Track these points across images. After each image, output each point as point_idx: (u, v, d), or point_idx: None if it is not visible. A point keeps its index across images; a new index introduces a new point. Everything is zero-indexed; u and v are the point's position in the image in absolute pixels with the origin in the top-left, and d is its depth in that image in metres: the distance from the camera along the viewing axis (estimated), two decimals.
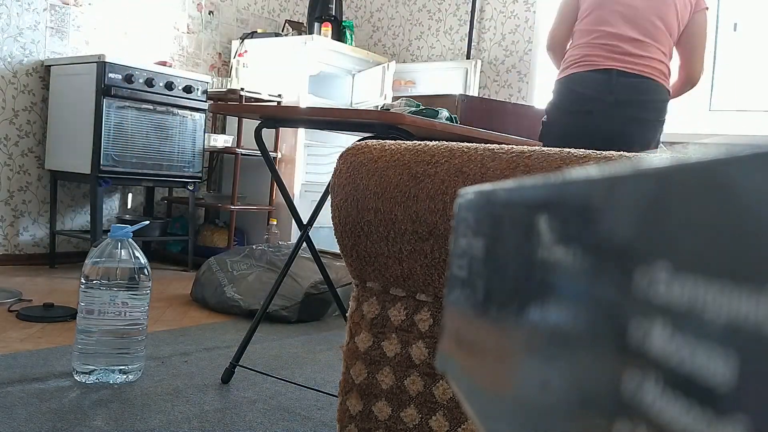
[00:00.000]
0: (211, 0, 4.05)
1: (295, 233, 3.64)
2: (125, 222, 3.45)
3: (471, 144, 0.98)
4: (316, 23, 4.00)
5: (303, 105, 3.67)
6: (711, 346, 0.12)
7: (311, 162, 3.89)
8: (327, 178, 1.49)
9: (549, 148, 0.91)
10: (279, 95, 3.78)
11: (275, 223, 3.72)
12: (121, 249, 1.70)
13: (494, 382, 0.25)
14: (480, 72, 4.11)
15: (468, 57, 4.20)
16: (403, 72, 4.25)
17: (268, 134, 3.67)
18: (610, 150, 2.22)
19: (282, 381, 1.81)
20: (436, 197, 0.94)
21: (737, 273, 0.12)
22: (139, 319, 1.72)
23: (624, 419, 0.15)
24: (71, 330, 1.85)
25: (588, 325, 0.17)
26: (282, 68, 3.85)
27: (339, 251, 1.09)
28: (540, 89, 3.95)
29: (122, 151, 3.17)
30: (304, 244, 1.90)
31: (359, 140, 1.14)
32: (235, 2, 4.19)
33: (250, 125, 2.62)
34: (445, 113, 1.82)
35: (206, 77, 3.59)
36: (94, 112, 3.08)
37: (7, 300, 2.47)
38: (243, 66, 4.01)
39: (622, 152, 2.31)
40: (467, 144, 0.98)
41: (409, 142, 1.04)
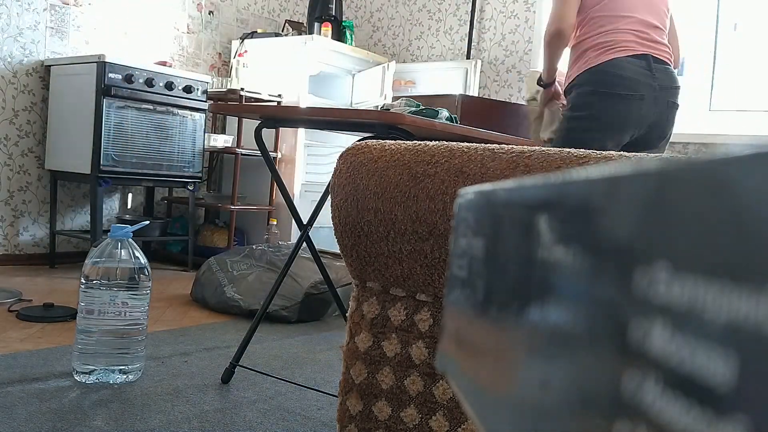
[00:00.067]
0: (211, 0, 4.05)
1: (295, 233, 3.64)
2: (125, 222, 3.45)
3: (471, 144, 0.98)
4: (316, 23, 4.00)
5: (303, 105, 3.67)
6: (711, 346, 0.12)
7: (311, 162, 3.89)
8: (327, 178, 1.49)
9: (549, 148, 0.91)
10: (279, 95, 3.78)
11: (275, 223, 3.72)
12: (121, 249, 1.70)
13: (494, 382, 0.25)
14: (480, 72, 4.11)
15: (468, 57, 4.20)
16: (403, 72, 4.25)
17: (268, 134, 3.67)
18: (652, 135, 2.22)
19: (282, 381, 1.81)
20: (436, 197, 0.94)
21: (737, 273, 0.12)
22: (139, 319, 1.72)
23: (624, 419, 0.15)
24: (71, 330, 1.85)
25: (588, 325, 0.17)
26: (282, 68, 3.85)
27: (339, 251, 1.09)
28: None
29: (122, 151, 3.17)
30: (304, 244, 1.90)
31: (359, 140, 1.14)
32: (235, 2, 4.19)
33: (250, 125, 2.62)
34: (445, 113, 1.82)
35: (206, 77, 3.59)
36: (94, 112, 3.08)
37: (7, 300, 2.47)
38: (243, 66, 4.01)
39: (664, 138, 2.31)
40: (467, 144, 0.98)
41: (409, 142, 1.04)
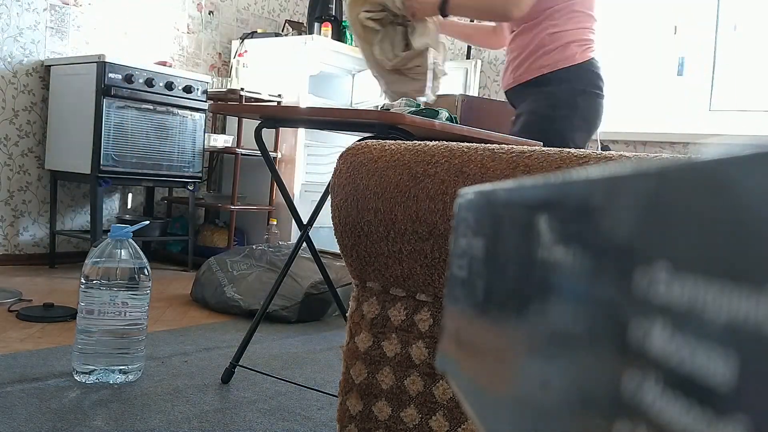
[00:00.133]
0: (211, 0, 4.05)
1: (295, 233, 3.64)
2: (125, 222, 3.45)
3: (471, 144, 0.98)
4: (316, 23, 4.00)
5: (303, 105, 3.67)
6: (711, 346, 0.12)
7: (311, 162, 3.89)
8: (327, 178, 1.49)
9: (549, 149, 0.91)
10: (279, 95, 3.78)
11: (275, 223, 3.72)
12: (121, 249, 1.70)
13: (494, 382, 0.25)
14: (480, 72, 4.11)
15: (468, 57, 4.20)
16: None
17: (268, 134, 3.67)
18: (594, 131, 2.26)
19: (282, 381, 1.81)
20: (436, 197, 0.94)
21: (737, 273, 0.12)
22: (139, 319, 1.72)
23: (624, 419, 0.15)
24: (71, 330, 1.85)
25: (588, 325, 0.17)
26: (282, 68, 3.85)
27: (339, 251, 1.08)
28: None
29: (122, 151, 3.17)
30: (304, 244, 1.90)
31: (359, 140, 1.14)
32: (235, 2, 4.19)
33: (250, 125, 2.62)
34: (445, 113, 1.82)
35: (206, 77, 3.59)
36: (94, 112, 3.07)
37: (7, 300, 2.47)
38: (243, 66, 4.01)
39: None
40: (467, 144, 0.98)
41: (409, 142, 1.04)
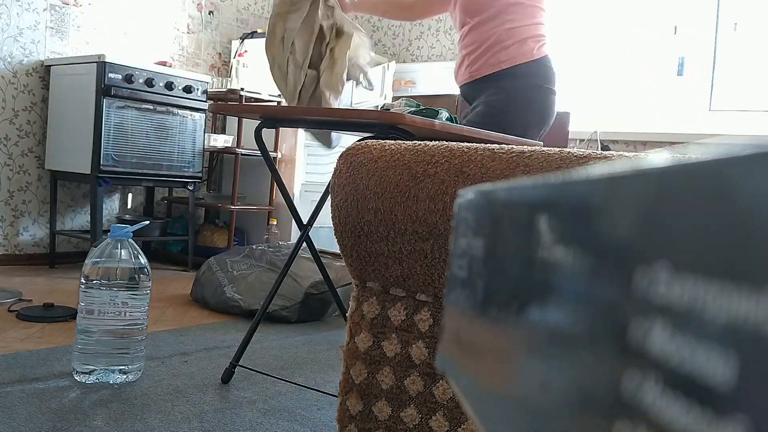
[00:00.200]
0: (211, 0, 4.05)
1: (295, 233, 3.64)
2: (125, 222, 3.45)
3: (471, 144, 0.98)
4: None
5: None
6: (711, 346, 0.12)
7: (311, 162, 3.89)
8: (327, 178, 1.49)
9: (549, 148, 0.91)
10: (279, 95, 3.78)
11: (275, 223, 3.71)
12: (121, 249, 1.70)
13: (494, 382, 0.25)
14: None
15: None
16: (403, 72, 4.25)
17: (268, 134, 3.67)
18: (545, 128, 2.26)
19: (282, 381, 1.81)
20: (436, 197, 0.94)
21: (737, 273, 0.12)
22: (139, 319, 1.72)
23: (624, 419, 0.15)
24: (71, 330, 1.85)
25: (588, 326, 0.17)
26: None
27: (339, 251, 1.08)
28: None
29: (122, 151, 3.17)
30: (304, 244, 1.90)
31: (359, 140, 1.14)
32: (235, 2, 4.19)
33: (250, 125, 2.62)
34: (445, 113, 1.82)
35: (206, 77, 3.59)
36: (94, 112, 3.07)
37: (7, 300, 2.47)
38: (243, 66, 4.01)
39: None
40: (467, 144, 0.98)
41: (409, 142, 1.04)
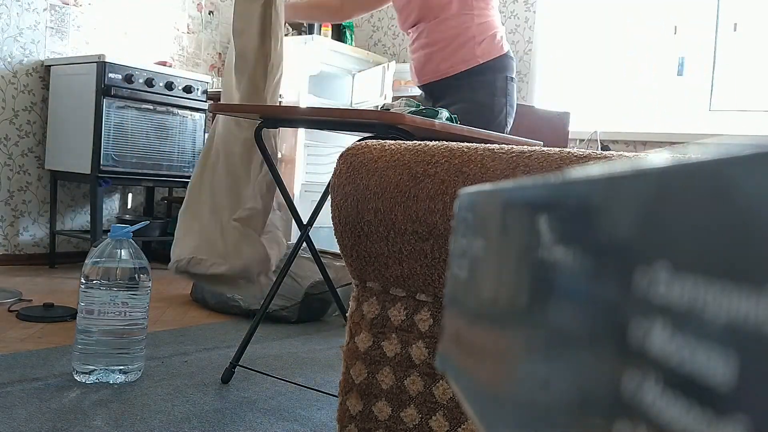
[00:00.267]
0: (211, 0, 4.05)
1: (295, 233, 3.63)
2: (125, 222, 3.45)
3: (471, 144, 0.98)
4: (316, 23, 4.00)
5: (303, 105, 3.67)
6: (711, 346, 0.12)
7: (311, 162, 3.89)
8: (327, 178, 1.49)
9: (549, 148, 0.91)
10: (279, 95, 3.78)
11: None
12: (121, 249, 1.70)
13: (494, 382, 0.25)
14: None
15: None
16: (403, 72, 4.24)
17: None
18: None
19: (282, 381, 1.81)
20: (436, 197, 0.94)
21: (737, 273, 0.12)
22: (139, 319, 1.72)
23: (624, 419, 0.15)
24: (71, 330, 1.85)
25: (588, 326, 0.17)
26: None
27: (339, 251, 1.08)
28: (540, 89, 3.95)
29: (122, 151, 3.17)
30: (304, 244, 1.90)
31: (359, 140, 1.14)
32: None
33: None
34: (445, 113, 1.81)
35: (206, 77, 3.59)
36: (94, 112, 3.08)
37: (7, 300, 2.47)
38: None
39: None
40: (467, 144, 0.98)
41: (409, 142, 1.04)
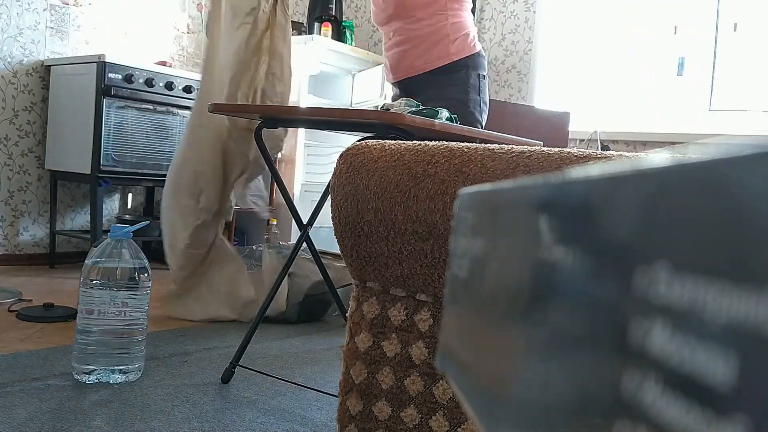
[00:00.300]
0: (212, 0, 4.05)
1: (295, 233, 3.64)
2: (125, 222, 3.45)
3: (471, 144, 0.98)
4: (316, 23, 4.00)
5: (303, 105, 3.67)
6: (711, 346, 0.12)
7: (311, 162, 3.89)
8: (327, 178, 1.49)
9: (549, 148, 0.91)
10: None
11: (275, 223, 3.71)
12: (121, 249, 1.70)
13: (494, 383, 0.25)
14: None
15: None
16: None
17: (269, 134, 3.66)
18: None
19: (282, 381, 1.81)
20: (436, 197, 0.94)
21: (737, 273, 0.12)
22: (139, 319, 1.72)
23: (624, 419, 0.15)
24: (71, 330, 1.85)
25: (588, 326, 0.17)
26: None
27: (339, 251, 1.08)
28: (540, 89, 3.95)
29: (122, 151, 3.17)
30: (304, 245, 1.90)
31: (359, 140, 1.14)
32: None
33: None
34: (445, 113, 1.81)
35: None
36: (94, 112, 3.07)
37: (7, 300, 2.47)
38: None
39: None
40: (467, 144, 0.98)
41: (409, 142, 1.04)
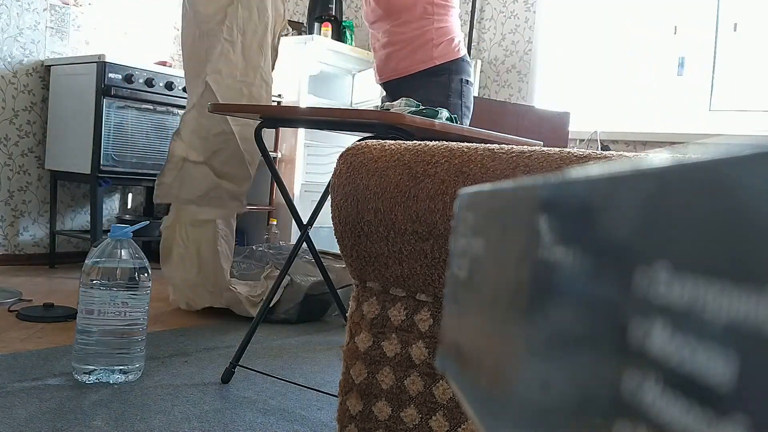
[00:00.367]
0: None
1: (295, 233, 3.64)
2: (125, 222, 3.45)
3: (471, 144, 0.98)
4: (316, 23, 4.00)
5: (303, 105, 3.67)
6: (711, 346, 0.12)
7: (311, 162, 3.89)
8: (327, 178, 1.49)
9: (549, 148, 0.91)
10: (279, 95, 3.78)
11: (275, 223, 3.71)
12: (121, 249, 1.70)
13: (494, 382, 0.25)
14: (480, 72, 4.11)
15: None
16: None
17: (268, 134, 3.67)
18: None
19: (282, 381, 1.81)
20: (436, 197, 0.94)
21: (737, 273, 0.12)
22: (139, 319, 1.72)
23: (624, 419, 0.15)
24: (71, 330, 1.85)
25: (588, 326, 0.17)
26: (282, 68, 3.85)
27: (339, 251, 1.09)
28: (540, 89, 3.95)
29: (122, 151, 3.17)
30: (304, 245, 1.90)
31: (359, 140, 1.14)
32: None
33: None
34: (445, 113, 1.81)
35: None
36: (94, 112, 3.07)
37: (7, 300, 2.47)
38: None
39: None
40: (467, 144, 0.98)
41: (409, 142, 1.04)
